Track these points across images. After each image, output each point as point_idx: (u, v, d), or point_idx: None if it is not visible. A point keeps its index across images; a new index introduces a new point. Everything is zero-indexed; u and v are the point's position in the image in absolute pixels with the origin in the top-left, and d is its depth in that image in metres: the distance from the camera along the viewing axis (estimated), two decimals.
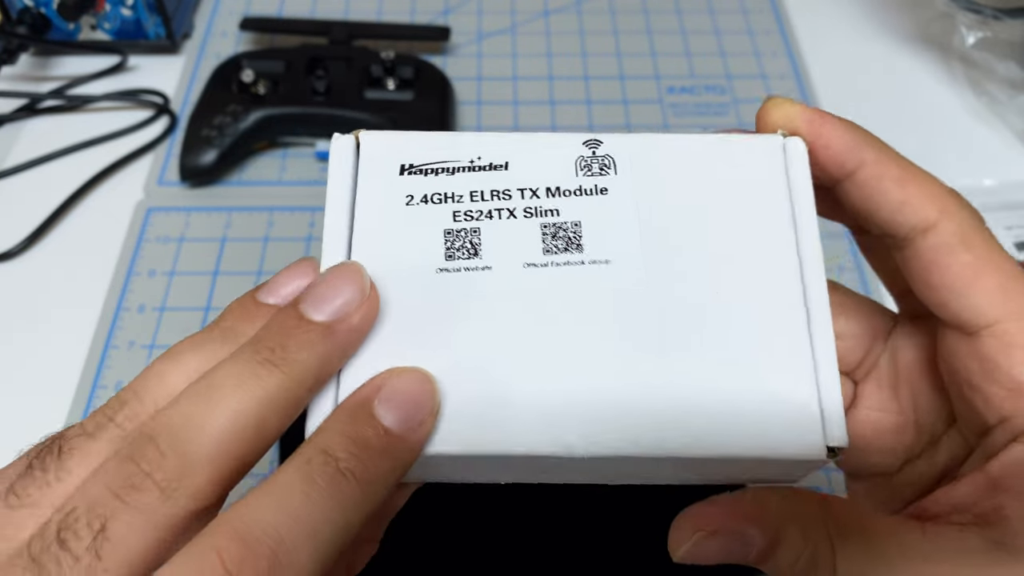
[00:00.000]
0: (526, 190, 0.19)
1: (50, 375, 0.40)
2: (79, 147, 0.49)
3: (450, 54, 0.54)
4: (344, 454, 0.16)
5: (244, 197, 0.47)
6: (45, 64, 0.53)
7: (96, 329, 0.41)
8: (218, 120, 0.46)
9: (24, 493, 0.15)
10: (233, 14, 0.57)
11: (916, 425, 0.20)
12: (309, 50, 0.50)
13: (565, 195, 0.19)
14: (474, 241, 0.19)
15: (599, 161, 0.20)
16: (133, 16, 0.51)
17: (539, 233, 0.19)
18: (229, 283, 0.43)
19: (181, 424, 0.15)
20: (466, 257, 0.19)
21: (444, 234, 0.19)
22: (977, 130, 0.51)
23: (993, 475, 0.17)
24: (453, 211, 0.19)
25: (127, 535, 0.14)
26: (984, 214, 0.47)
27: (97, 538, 0.14)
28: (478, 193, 0.19)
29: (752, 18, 0.57)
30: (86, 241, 0.45)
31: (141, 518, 0.15)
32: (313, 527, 0.15)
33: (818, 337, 0.18)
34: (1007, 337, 0.17)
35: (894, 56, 0.55)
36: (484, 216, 0.19)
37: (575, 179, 0.20)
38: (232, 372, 0.16)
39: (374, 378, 0.17)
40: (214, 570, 0.14)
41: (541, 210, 0.19)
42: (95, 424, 0.16)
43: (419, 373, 0.17)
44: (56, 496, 0.15)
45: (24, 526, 0.15)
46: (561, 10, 0.57)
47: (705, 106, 0.52)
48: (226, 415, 0.15)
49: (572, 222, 0.19)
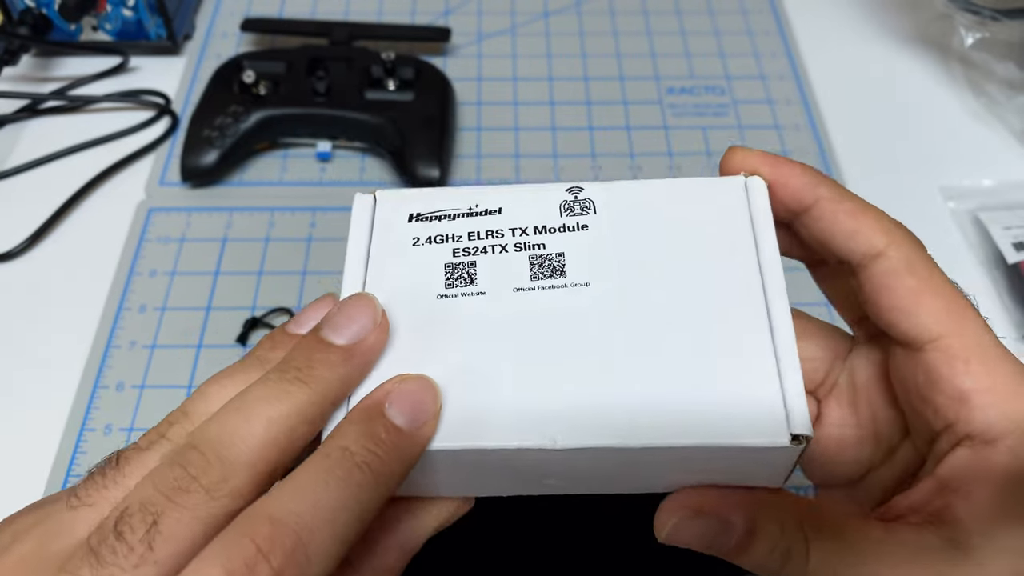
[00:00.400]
0: (516, 229, 0.22)
1: (51, 375, 0.40)
2: (80, 147, 0.49)
3: (450, 55, 0.55)
4: (359, 448, 0.18)
5: (245, 197, 0.47)
6: (46, 65, 0.54)
7: (97, 329, 0.41)
8: (219, 121, 0.46)
9: (84, 495, 0.18)
10: (234, 15, 0.57)
11: (875, 437, 0.22)
12: (310, 51, 0.50)
13: (551, 231, 0.22)
14: (470, 272, 0.22)
15: (580, 203, 0.23)
16: (134, 17, 0.52)
17: (527, 263, 0.22)
18: (230, 283, 0.43)
19: (222, 434, 0.18)
20: (463, 285, 0.22)
21: (444, 267, 0.22)
22: (976, 130, 0.51)
23: (941, 478, 0.19)
24: (453, 248, 0.22)
25: (176, 529, 0.17)
26: (982, 214, 0.47)
27: (150, 530, 0.16)
28: (475, 233, 0.22)
29: (751, 19, 0.57)
30: (87, 241, 0.45)
31: (188, 515, 0.17)
32: (332, 513, 0.17)
33: (781, 344, 0.20)
34: (949, 351, 0.19)
35: (893, 57, 0.55)
36: (479, 251, 0.22)
37: (559, 218, 0.23)
38: (265, 389, 0.19)
39: (384, 384, 0.19)
40: (248, 550, 0.16)
41: (529, 244, 0.22)
42: (148, 441, 0.19)
43: (424, 379, 0.19)
44: (112, 498, 0.18)
45: (83, 524, 0.17)
46: (561, 11, 0.58)
47: (704, 107, 0.52)
48: (262, 425, 0.18)
49: (556, 253, 0.22)
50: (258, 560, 0.16)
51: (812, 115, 0.51)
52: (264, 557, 0.16)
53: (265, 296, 0.43)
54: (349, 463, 0.18)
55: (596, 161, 0.49)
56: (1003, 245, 0.44)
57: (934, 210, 0.47)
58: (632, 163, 0.49)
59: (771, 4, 0.58)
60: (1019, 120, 0.50)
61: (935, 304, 0.19)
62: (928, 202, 0.47)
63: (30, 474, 0.37)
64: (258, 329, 0.41)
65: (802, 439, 0.19)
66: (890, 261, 0.20)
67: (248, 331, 0.41)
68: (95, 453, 0.37)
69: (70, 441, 0.38)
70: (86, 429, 0.38)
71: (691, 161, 0.49)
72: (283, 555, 0.16)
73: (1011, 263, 0.43)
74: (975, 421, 0.19)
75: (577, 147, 0.50)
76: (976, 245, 0.45)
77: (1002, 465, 0.19)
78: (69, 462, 0.37)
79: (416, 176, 0.46)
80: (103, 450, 0.37)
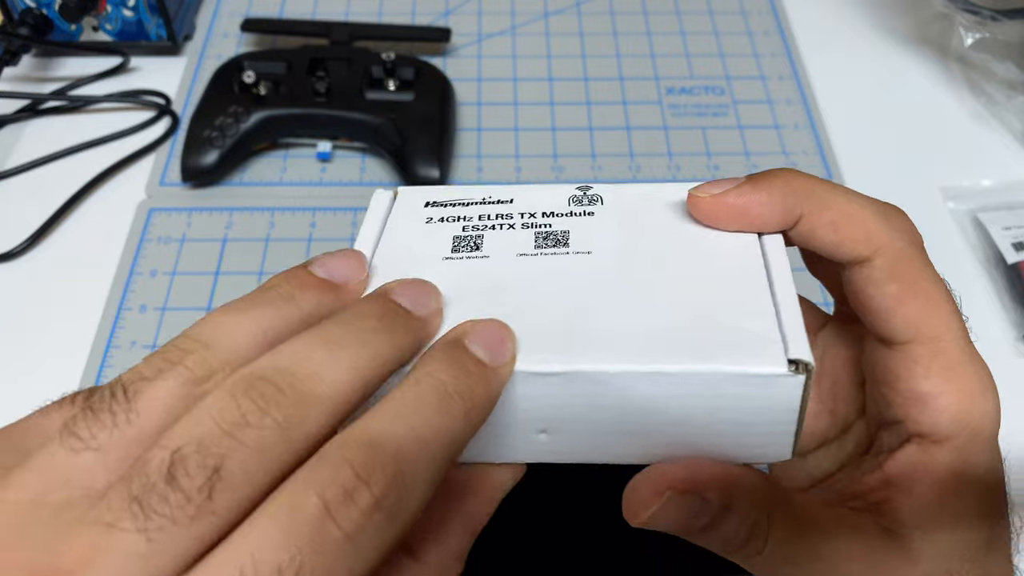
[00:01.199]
0: (525, 213, 0.23)
1: (52, 375, 0.40)
2: (81, 148, 0.49)
3: (450, 55, 0.55)
4: (448, 378, 0.17)
5: (245, 197, 0.47)
6: (47, 65, 0.54)
7: (98, 329, 0.41)
8: (219, 121, 0.46)
9: (88, 435, 0.15)
10: (234, 15, 0.57)
11: (832, 413, 0.23)
12: (310, 51, 0.50)
13: (557, 216, 0.23)
14: (476, 242, 0.23)
15: (588, 197, 0.24)
16: (135, 17, 0.52)
17: (532, 236, 0.23)
18: (231, 283, 0.43)
19: (301, 367, 0.16)
20: (469, 251, 0.22)
21: (452, 238, 0.23)
22: (975, 131, 0.51)
23: (888, 472, 0.20)
24: (462, 225, 0.23)
25: (240, 476, 0.14)
26: (982, 214, 0.47)
27: (211, 477, 0.14)
28: (485, 215, 0.24)
29: (751, 19, 0.57)
30: (88, 241, 0.45)
31: (256, 458, 0.14)
32: (427, 439, 0.16)
33: (779, 288, 0.20)
34: (914, 356, 0.20)
35: (892, 57, 0.55)
36: (487, 228, 0.23)
37: (567, 207, 0.24)
38: (349, 332, 0.17)
39: (459, 324, 0.19)
40: (346, 475, 0.14)
41: (536, 224, 0.23)
42: (155, 369, 0.16)
43: (498, 320, 0.19)
44: (126, 438, 0.15)
45: (92, 472, 0.15)
46: (561, 11, 0.58)
47: (704, 107, 0.52)
48: (344, 366, 0.16)
49: (561, 230, 0.23)
50: (358, 486, 0.14)
51: (812, 115, 0.51)
52: (364, 483, 0.14)
53: None
54: (442, 391, 0.17)
55: (596, 161, 0.49)
56: (1003, 245, 0.44)
57: (934, 210, 0.47)
58: (632, 163, 0.49)
59: (771, 4, 0.58)
60: (1019, 120, 0.50)
61: (911, 312, 0.20)
62: (928, 202, 0.47)
63: None
64: None
65: (801, 366, 0.19)
66: (872, 270, 0.20)
67: None
68: None
69: None
70: None
71: (691, 161, 0.49)
72: (384, 482, 0.15)
73: (1011, 263, 0.43)
74: (925, 423, 0.20)
75: (577, 147, 0.50)
76: (976, 245, 0.45)
77: (946, 464, 0.20)
78: None
79: (416, 176, 0.46)
80: None
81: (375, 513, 0.14)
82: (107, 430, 0.15)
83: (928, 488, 0.20)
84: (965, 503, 0.20)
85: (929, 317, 0.20)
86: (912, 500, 0.20)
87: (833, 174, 0.48)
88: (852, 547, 0.20)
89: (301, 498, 0.14)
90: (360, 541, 0.14)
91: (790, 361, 0.19)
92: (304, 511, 0.14)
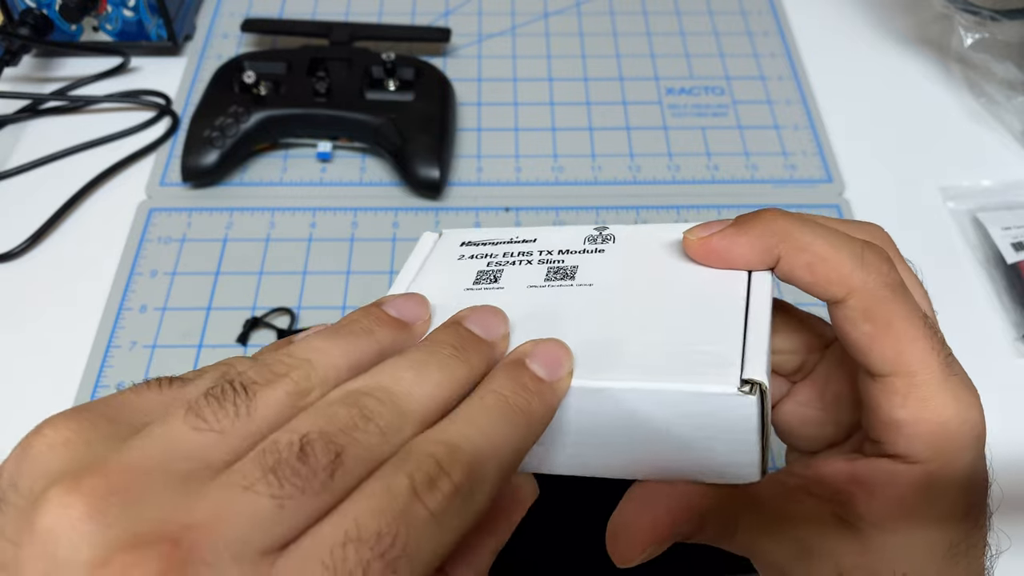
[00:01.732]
0: (544, 251, 0.26)
1: (52, 374, 0.40)
2: (81, 148, 0.49)
3: (450, 55, 0.55)
4: (511, 393, 0.20)
5: (246, 198, 0.47)
6: (47, 65, 0.54)
7: (98, 329, 0.41)
8: (220, 121, 0.46)
9: (213, 419, 0.17)
10: (234, 16, 0.57)
11: (836, 423, 0.25)
12: (310, 51, 0.50)
13: (571, 253, 0.26)
14: (496, 275, 0.26)
15: (603, 236, 0.27)
16: (135, 17, 0.52)
17: (545, 270, 0.25)
18: (231, 283, 0.43)
19: (398, 387, 0.19)
20: (488, 283, 0.25)
21: (476, 272, 0.26)
22: (975, 131, 0.51)
23: (856, 470, 0.22)
24: (487, 261, 0.26)
25: (353, 464, 0.17)
26: (981, 214, 0.47)
27: (335, 460, 0.17)
28: (509, 253, 0.27)
29: (751, 19, 0.57)
30: (88, 241, 0.45)
31: (365, 452, 0.17)
32: (496, 444, 0.19)
33: (754, 320, 0.22)
34: (892, 387, 0.21)
35: (892, 57, 0.55)
36: (508, 264, 0.26)
37: (581, 245, 0.26)
38: (431, 357, 0.20)
39: (520, 345, 0.22)
40: (431, 465, 0.17)
41: (551, 260, 0.26)
42: (264, 377, 0.18)
43: (557, 340, 0.22)
44: (244, 431, 0.17)
45: (215, 450, 0.17)
46: (561, 12, 0.58)
47: (704, 107, 0.52)
48: (431, 385, 0.19)
49: (571, 265, 0.25)
50: (440, 475, 0.17)
51: (811, 116, 0.51)
52: (445, 472, 0.17)
53: (266, 296, 0.43)
54: (505, 404, 0.19)
55: (596, 161, 0.49)
56: (1002, 245, 0.44)
57: (933, 210, 0.47)
58: (632, 163, 0.49)
59: (771, 5, 0.58)
60: (1018, 120, 0.50)
61: (887, 350, 0.21)
62: (927, 202, 0.47)
63: None
64: (259, 329, 0.41)
65: (754, 387, 0.20)
66: (848, 309, 0.22)
67: (249, 331, 0.41)
68: None
69: None
70: None
71: (690, 161, 0.49)
72: (462, 472, 0.17)
73: (1010, 263, 0.43)
74: (900, 446, 0.22)
75: (577, 148, 0.50)
76: (975, 245, 0.45)
77: (914, 481, 0.21)
78: None
79: (416, 176, 0.46)
80: None
81: (454, 498, 0.17)
82: (229, 419, 0.17)
83: (891, 496, 0.22)
84: (932, 510, 0.22)
85: (904, 354, 0.21)
86: (873, 502, 0.22)
87: (832, 174, 0.48)
88: (809, 533, 0.22)
89: (394, 480, 0.17)
90: (442, 521, 0.17)
91: (744, 381, 0.20)
92: (397, 490, 0.17)
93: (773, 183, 0.48)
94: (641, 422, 0.21)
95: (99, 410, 0.18)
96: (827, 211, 0.46)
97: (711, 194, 0.47)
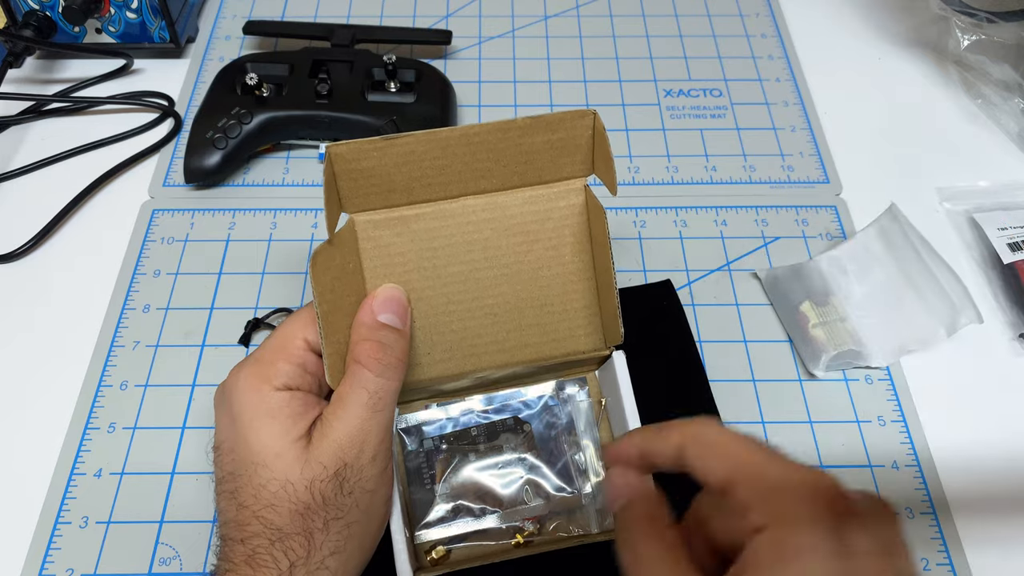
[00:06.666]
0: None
1: (55, 373, 0.40)
2: (85, 149, 0.49)
3: (451, 57, 0.55)
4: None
5: (248, 198, 0.47)
6: (51, 67, 0.54)
7: (101, 328, 0.42)
8: (222, 122, 0.47)
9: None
10: (237, 18, 0.57)
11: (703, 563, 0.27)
12: (312, 53, 0.50)
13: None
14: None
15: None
16: (138, 20, 0.52)
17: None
18: (233, 283, 0.44)
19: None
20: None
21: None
22: (971, 132, 0.51)
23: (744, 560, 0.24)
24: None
25: None
26: (978, 215, 0.47)
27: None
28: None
29: (749, 22, 0.58)
30: (92, 241, 0.45)
31: None
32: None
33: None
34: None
35: (889, 59, 0.56)
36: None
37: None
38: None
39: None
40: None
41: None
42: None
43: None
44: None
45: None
46: (560, 14, 0.58)
47: (702, 108, 0.52)
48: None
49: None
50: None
51: (809, 117, 0.52)
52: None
53: (268, 296, 0.43)
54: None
55: None
56: (998, 245, 0.44)
57: (930, 210, 0.47)
58: (631, 164, 0.49)
59: (768, 7, 0.59)
60: (1014, 121, 0.51)
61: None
62: (924, 202, 0.47)
63: (34, 472, 0.37)
64: (260, 329, 0.42)
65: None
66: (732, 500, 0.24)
67: (251, 331, 0.41)
68: (99, 450, 0.38)
69: (74, 439, 0.38)
70: (90, 427, 0.38)
71: (688, 162, 0.49)
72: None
73: (1006, 263, 0.43)
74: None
75: None
76: (972, 245, 0.46)
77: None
78: (73, 459, 0.37)
79: None
80: (107, 447, 0.38)
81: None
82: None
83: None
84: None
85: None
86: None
87: (830, 175, 0.49)
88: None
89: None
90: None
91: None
92: None
93: (771, 184, 0.48)
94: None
95: None
96: (824, 211, 0.47)
97: (709, 195, 0.48)
